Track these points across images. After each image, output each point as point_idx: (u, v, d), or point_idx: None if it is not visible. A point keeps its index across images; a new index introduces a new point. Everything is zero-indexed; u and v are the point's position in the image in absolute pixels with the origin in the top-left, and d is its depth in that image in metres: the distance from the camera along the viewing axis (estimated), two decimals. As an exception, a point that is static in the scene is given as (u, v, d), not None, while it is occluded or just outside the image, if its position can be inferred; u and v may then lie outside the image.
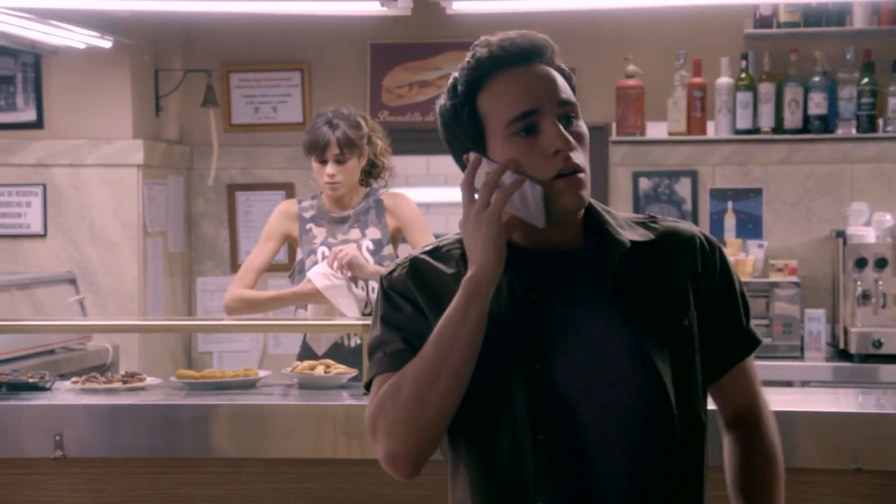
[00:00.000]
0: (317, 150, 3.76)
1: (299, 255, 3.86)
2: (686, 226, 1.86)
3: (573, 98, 1.76)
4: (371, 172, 3.91)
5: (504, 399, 1.74)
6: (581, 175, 1.74)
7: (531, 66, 1.75)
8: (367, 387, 1.80)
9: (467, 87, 1.76)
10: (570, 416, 1.72)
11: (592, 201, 1.82)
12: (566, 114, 1.75)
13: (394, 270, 1.81)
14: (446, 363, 1.70)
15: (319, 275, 3.71)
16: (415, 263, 1.81)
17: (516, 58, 1.75)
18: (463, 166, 1.79)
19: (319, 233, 3.86)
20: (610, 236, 1.79)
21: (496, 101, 1.74)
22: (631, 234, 1.80)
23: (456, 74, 1.79)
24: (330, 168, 3.76)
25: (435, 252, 1.82)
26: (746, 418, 1.88)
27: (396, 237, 3.89)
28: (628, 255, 1.78)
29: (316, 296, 3.73)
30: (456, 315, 1.70)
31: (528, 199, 1.73)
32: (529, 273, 1.76)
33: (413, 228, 3.86)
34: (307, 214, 3.89)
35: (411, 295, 1.78)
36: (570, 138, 1.73)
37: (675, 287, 1.79)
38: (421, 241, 3.84)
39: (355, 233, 3.85)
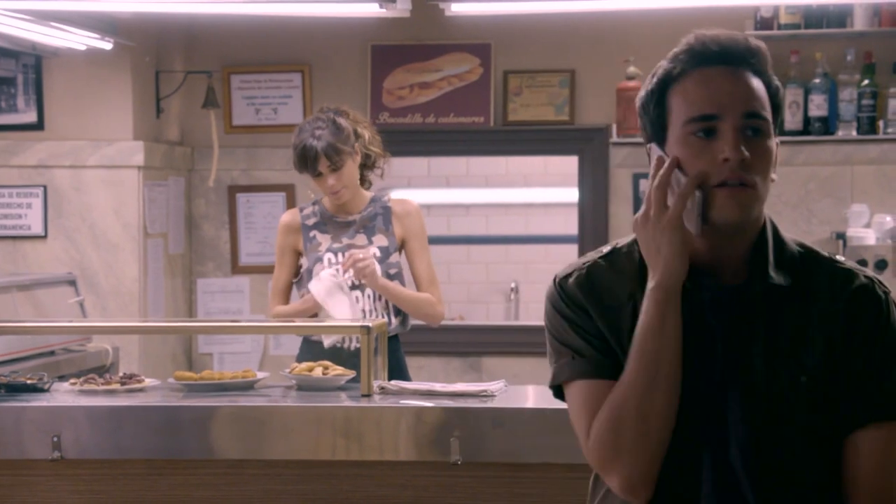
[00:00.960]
0: (307, 167, 3.72)
1: (305, 263, 3.83)
2: (855, 274, 1.73)
3: (764, 112, 1.69)
4: (366, 164, 3.85)
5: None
6: (747, 189, 1.66)
7: (730, 68, 1.70)
8: (557, 390, 1.78)
9: (663, 77, 1.73)
10: (691, 462, 1.69)
11: (771, 227, 1.74)
12: (752, 126, 1.68)
13: (570, 274, 1.77)
14: (657, 377, 1.66)
15: (320, 282, 3.71)
16: (591, 271, 1.76)
17: (716, 58, 1.70)
18: (647, 155, 1.77)
19: (324, 239, 3.82)
20: (758, 275, 1.71)
21: (683, 97, 1.70)
22: (780, 275, 1.71)
23: (661, 63, 1.75)
24: (329, 179, 3.72)
25: (612, 255, 1.78)
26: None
27: (403, 245, 3.86)
28: (766, 296, 1.70)
29: (315, 307, 3.73)
30: (654, 327, 1.66)
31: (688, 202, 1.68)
32: (707, 297, 1.71)
33: (416, 239, 3.82)
34: (310, 222, 3.84)
35: (582, 302, 1.74)
36: (744, 151, 1.65)
37: (805, 339, 1.69)
38: (418, 256, 3.81)
39: (361, 238, 3.81)
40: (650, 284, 1.67)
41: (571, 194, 5.70)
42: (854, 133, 5.25)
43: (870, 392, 1.70)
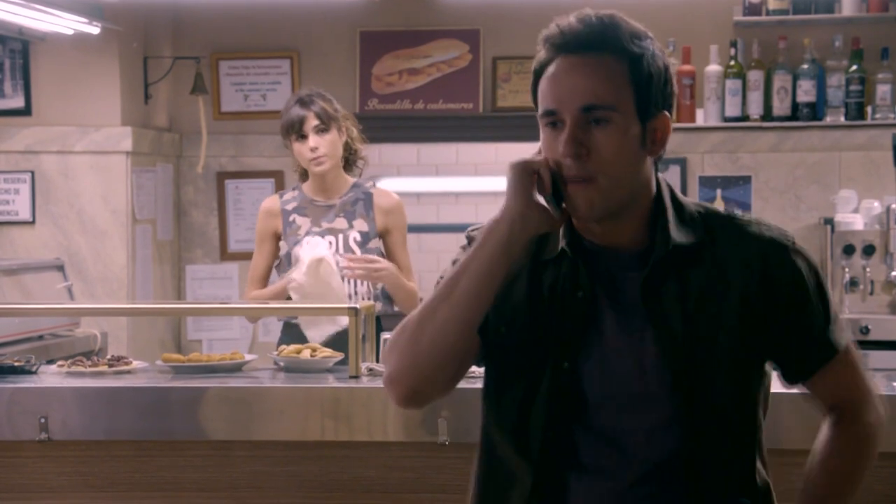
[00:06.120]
0: (294, 126, 3.71)
1: (284, 248, 3.83)
2: (758, 228, 1.77)
3: (607, 101, 1.69)
4: (348, 159, 3.87)
5: (528, 390, 1.76)
6: (588, 185, 1.69)
7: (578, 58, 1.70)
8: None
9: (536, 67, 1.76)
10: (587, 419, 1.73)
11: (668, 191, 1.78)
12: (594, 118, 1.69)
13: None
14: (449, 296, 1.72)
15: (311, 248, 3.70)
16: None
17: (570, 46, 1.71)
18: None
19: (304, 222, 3.82)
20: (660, 238, 1.73)
21: (540, 89, 1.74)
22: (683, 235, 1.74)
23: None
24: (312, 141, 3.71)
25: None
26: (842, 413, 1.82)
27: (384, 235, 3.86)
28: (673, 258, 1.72)
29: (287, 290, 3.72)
30: (471, 252, 1.73)
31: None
32: (584, 270, 1.74)
33: (399, 232, 3.83)
34: (290, 206, 3.84)
35: None
36: (571, 148, 1.68)
37: (721, 296, 1.73)
38: (401, 248, 3.83)
39: (341, 222, 3.82)
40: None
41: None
42: (842, 119, 5.26)
43: (817, 343, 1.78)
